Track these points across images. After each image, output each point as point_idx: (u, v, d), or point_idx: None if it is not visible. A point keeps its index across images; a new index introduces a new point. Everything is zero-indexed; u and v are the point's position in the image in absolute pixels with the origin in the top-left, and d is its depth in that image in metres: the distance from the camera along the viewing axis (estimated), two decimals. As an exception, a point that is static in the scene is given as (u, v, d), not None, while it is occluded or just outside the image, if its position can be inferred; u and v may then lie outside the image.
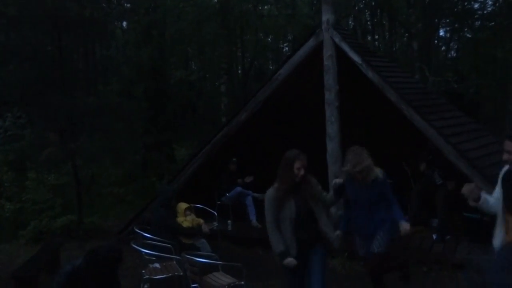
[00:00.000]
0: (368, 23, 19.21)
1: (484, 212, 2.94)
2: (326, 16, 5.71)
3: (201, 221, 5.16)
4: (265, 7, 15.72)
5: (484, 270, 2.69)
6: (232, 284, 3.91)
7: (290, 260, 3.20)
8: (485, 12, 16.18)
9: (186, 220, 4.99)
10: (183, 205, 5.13)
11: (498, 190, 2.80)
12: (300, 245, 3.25)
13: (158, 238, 4.61)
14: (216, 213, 6.16)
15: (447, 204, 5.39)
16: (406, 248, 5.19)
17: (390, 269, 3.96)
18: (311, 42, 5.86)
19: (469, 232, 5.38)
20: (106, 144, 8.08)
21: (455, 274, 4.61)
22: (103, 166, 10.06)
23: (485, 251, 3.93)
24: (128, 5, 12.20)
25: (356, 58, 5.49)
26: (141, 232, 4.86)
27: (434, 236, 5.58)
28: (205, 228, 5.01)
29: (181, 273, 4.33)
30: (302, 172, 3.24)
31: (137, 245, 4.51)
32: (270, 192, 3.32)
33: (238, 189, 6.72)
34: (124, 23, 15.28)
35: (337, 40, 5.63)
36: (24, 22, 7.23)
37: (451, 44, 18.45)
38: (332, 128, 5.80)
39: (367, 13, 18.43)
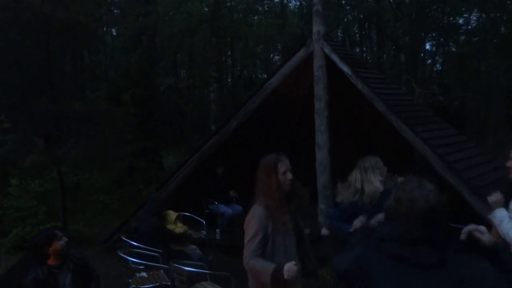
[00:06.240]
0: (357, 35, 19.56)
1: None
2: (317, 28, 5.79)
3: (186, 227, 5.20)
4: (255, 17, 15.87)
5: None
6: (220, 294, 3.87)
7: (291, 265, 2.18)
8: (469, 27, 16.66)
9: (177, 227, 4.98)
10: (172, 214, 5.09)
11: None
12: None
13: (145, 247, 4.54)
14: (204, 222, 6.12)
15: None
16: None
17: None
18: (301, 53, 5.92)
19: (455, 242, 5.44)
20: (92, 151, 7.97)
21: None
22: (89, 172, 9.90)
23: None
24: (118, 11, 12.17)
25: (345, 69, 5.56)
26: (129, 240, 4.78)
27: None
28: (192, 233, 5.07)
29: (169, 282, 4.26)
30: (289, 176, 2.45)
31: (124, 254, 4.43)
32: (257, 211, 2.37)
33: (229, 211, 6.76)
34: (114, 30, 15.25)
35: (327, 51, 5.70)
36: (12, 26, 7.14)
37: (437, 58, 18.90)
38: (321, 137, 5.84)
39: (355, 26, 18.78)
